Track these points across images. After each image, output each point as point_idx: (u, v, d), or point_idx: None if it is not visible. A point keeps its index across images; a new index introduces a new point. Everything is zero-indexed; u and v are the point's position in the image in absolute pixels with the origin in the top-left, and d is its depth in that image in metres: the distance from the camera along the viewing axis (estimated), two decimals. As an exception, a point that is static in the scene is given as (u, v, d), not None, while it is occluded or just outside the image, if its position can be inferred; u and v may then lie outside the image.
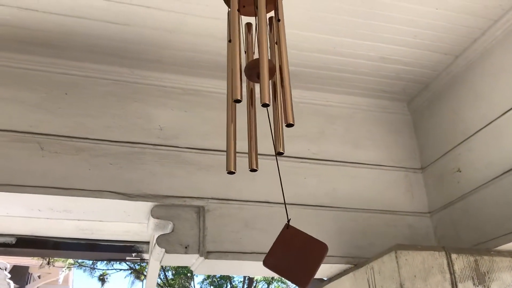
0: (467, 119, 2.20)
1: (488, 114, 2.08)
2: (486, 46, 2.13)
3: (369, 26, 2.06)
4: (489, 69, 2.12)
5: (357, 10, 1.97)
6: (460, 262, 1.83)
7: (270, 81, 1.26)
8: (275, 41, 1.39)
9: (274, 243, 1.28)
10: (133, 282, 14.65)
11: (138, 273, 14.48)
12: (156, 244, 1.98)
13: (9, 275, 7.10)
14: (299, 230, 1.29)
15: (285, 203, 1.40)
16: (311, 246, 1.27)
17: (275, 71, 1.31)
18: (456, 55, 2.26)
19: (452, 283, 1.79)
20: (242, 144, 1.36)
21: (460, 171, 2.22)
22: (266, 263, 1.26)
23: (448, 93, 2.35)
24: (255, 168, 1.33)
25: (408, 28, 2.08)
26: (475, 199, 2.12)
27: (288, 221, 1.31)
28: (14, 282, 7.47)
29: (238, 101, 1.20)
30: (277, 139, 1.28)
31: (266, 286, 14.57)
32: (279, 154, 1.26)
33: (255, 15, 1.35)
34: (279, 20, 1.38)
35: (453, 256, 1.84)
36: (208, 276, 14.45)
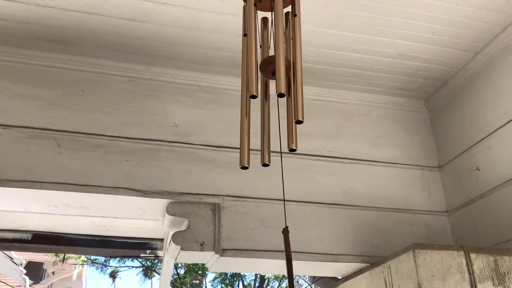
0: (487, 116, 2.16)
1: (509, 111, 2.04)
2: (507, 43, 2.09)
3: (387, 23, 2.03)
4: (509, 66, 2.07)
5: (375, 6, 1.94)
6: (480, 262, 1.80)
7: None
8: (290, 36, 1.37)
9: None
10: (144, 279, 14.78)
11: (150, 270, 14.58)
12: (171, 241, 1.98)
13: (25, 271, 7.18)
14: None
15: (284, 205, 1.40)
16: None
17: (291, 69, 1.29)
18: (476, 52, 2.22)
19: (471, 283, 1.75)
20: (256, 141, 1.34)
21: (478, 170, 2.19)
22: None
23: (467, 90, 2.31)
24: (267, 162, 1.31)
25: (427, 24, 2.05)
26: (494, 198, 2.08)
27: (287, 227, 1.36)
28: (29, 278, 7.55)
29: (254, 96, 1.18)
30: (289, 135, 1.26)
31: (278, 284, 14.57)
32: (291, 150, 1.25)
33: (272, 10, 1.34)
34: (295, 15, 1.37)
35: (472, 255, 1.81)
36: (220, 274, 14.49)
